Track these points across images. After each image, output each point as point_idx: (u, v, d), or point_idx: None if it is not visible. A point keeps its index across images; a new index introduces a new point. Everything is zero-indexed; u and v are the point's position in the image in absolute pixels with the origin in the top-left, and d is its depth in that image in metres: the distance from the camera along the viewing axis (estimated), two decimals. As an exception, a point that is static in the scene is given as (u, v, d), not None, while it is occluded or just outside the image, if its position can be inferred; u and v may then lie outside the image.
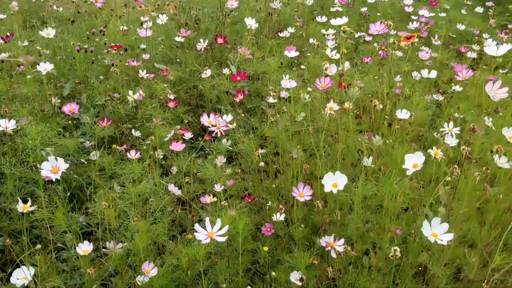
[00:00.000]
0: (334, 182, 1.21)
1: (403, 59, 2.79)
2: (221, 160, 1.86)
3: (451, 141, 1.54)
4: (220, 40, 2.54)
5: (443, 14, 3.49)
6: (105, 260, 1.47)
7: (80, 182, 1.85)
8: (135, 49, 2.63)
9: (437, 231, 1.08)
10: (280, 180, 1.74)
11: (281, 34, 2.87)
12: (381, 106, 1.75)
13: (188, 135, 1.90)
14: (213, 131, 1.62)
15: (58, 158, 1.37)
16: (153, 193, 1.64)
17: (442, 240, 1.07)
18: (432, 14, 3.30)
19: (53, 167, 1.36)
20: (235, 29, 2.77)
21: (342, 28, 1.57)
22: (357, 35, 3.13)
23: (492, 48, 1.32)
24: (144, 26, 2.61)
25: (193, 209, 1.74)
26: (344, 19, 1.57)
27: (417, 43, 3.20)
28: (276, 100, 1.85)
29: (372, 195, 1.28)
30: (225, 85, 2.34)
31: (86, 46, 2.24)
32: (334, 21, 1.58)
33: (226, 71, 2.53)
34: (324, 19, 2.74)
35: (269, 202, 1.64)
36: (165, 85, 2.27)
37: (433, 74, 1.94)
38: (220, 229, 1.10)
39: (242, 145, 1.74)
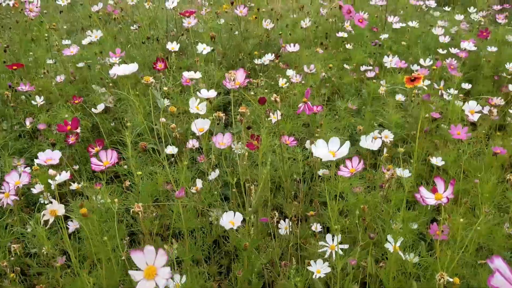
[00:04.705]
0: None
1: (400, 106, 2.10)
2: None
3: None
4: (160, 65, 2.07)
5: (494, 49, 2.65)
6: None
7: None
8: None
9: None
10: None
11: (256, 61, 2.34)
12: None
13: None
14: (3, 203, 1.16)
15: None
16: None
17: None
18: (474, 48, 2.51)
19: None
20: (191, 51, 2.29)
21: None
22: (362, 68, 2.47)
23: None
24: (84, 41, 2.24)
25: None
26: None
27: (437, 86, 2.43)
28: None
29: None
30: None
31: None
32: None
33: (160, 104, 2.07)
34: (297, 47, 2.13)
35: None
36: (67, 115, 1.87)
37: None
38: None
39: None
